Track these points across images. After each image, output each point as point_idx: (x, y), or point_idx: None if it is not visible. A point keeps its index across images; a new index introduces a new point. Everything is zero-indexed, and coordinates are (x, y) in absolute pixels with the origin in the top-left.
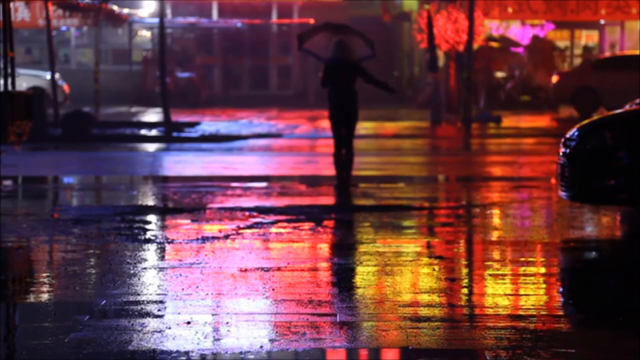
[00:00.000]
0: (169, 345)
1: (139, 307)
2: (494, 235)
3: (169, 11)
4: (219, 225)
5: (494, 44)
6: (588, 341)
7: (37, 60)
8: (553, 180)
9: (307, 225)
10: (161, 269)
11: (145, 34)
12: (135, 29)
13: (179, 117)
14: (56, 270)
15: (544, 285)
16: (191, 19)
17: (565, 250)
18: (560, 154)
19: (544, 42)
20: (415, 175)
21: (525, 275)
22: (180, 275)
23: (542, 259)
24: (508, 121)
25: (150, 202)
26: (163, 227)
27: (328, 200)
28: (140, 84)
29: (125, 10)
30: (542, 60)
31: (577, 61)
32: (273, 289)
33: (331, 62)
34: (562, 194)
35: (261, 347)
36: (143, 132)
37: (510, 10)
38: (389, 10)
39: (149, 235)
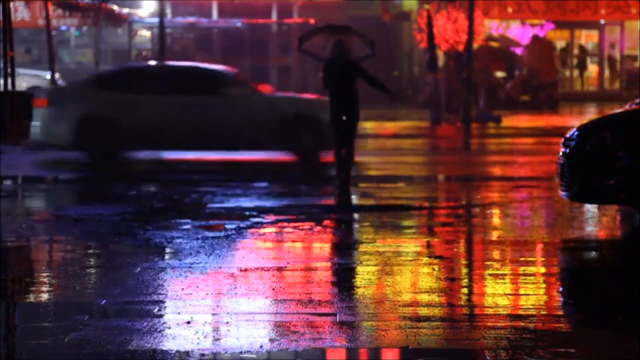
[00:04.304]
0: (169, 345)
1: (139, 307)
2: (494, 235)
3: (168, 11)
4: (219, 225)
5: (494, 44)
6: (588, 341)
7: (37, 60)
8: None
9: (307, 225)
10: (161, 269)
11: (145, 33)
12: (135, 29)
13: None
14: (56, 270)
15: (544, 285)
16: (191, 19)
17: (565, 250)
18: (560, 153)
19: (544, 42)
20: (415, 175)
21: (525, 275)
22: (180, 275)
23: (542, 259)
24: (508, 121)
25: (150, 201)
26: (163, 227)
27: (328, 200)
28: None
29: (125, 10)
30: (542, 60)
31: (577, 61)
32: (273, 289)
33: (329, 62)
34: (562, 193)
35: (261, 347)
36: None
37: (510, 10)
38: (388, 10)
39: (149, 235)
